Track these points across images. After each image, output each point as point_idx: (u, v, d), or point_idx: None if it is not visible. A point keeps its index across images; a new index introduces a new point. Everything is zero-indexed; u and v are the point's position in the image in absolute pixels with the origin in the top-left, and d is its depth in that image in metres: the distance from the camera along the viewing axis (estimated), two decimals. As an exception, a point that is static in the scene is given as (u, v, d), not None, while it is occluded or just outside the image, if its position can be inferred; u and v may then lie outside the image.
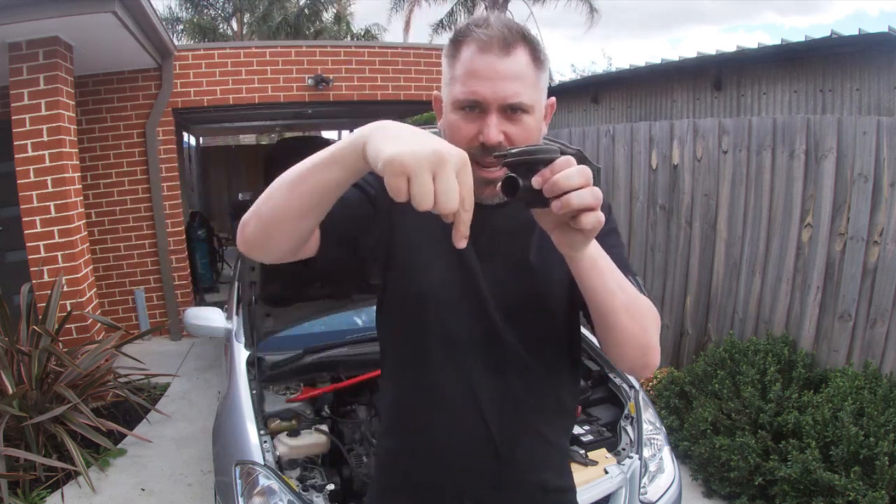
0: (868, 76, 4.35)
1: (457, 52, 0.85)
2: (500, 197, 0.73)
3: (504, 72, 0.81)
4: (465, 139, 0.83)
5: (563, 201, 0.65)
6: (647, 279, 3.88)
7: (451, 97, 0.85)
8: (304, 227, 0.75)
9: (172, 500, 2.65)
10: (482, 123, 0.82)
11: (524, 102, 0.82)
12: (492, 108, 0.81)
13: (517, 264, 0.92)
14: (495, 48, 0.81)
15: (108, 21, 3.34)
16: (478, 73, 0.81)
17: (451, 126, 0.85)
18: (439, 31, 14.39)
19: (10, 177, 3.52)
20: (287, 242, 0.76)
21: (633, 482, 1.76)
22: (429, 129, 2.04)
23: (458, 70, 0.84)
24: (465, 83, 0.82)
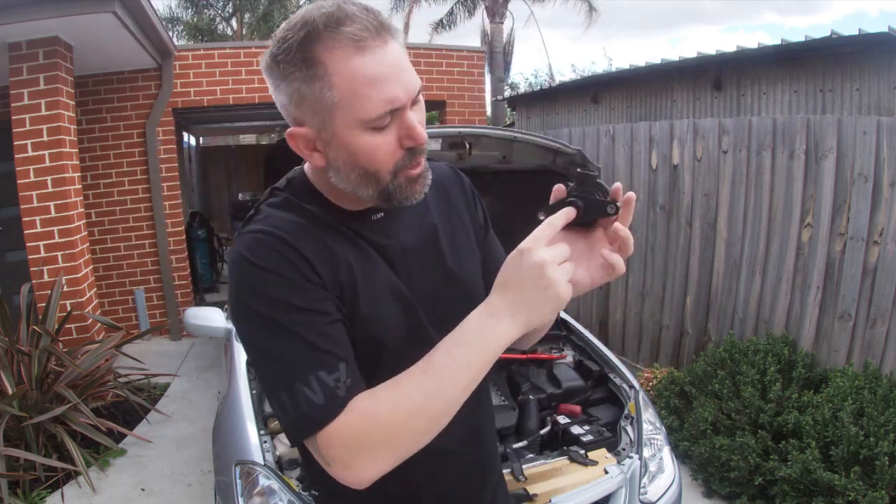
0: (868, 76, 4.34)
1: (319, 65, 0.67)
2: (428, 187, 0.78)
3: (397, 62, 0.69)
4: (389, 153, 0.72)
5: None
6: (647, 279, 3.88)
7: (353, 119, 0.69)
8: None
9: (172, 500, 2.65)
10: (399, 127, 0.71)
11: (420, 83, 0.73)
12: (406, 108, 0.71)
13: (442, 274, 0.87)
14: (373, 41, 0.68)
15: (108, 21, 3.34)
16: (379, 77, 0.67)
17: (368, 150, 0.71)
18: (439, 31, 14.38)
19: (10, 177, 3.52)
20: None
21: (633, 482, 1.76)
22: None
23: (345, 86, 0.67)
24: (370, 95, 0.67)
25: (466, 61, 6.00)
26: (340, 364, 0.69)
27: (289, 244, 0.72)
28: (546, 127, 8.05)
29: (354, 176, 0.73)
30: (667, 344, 3.75)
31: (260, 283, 0.70)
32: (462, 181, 0.97)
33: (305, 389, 0.68)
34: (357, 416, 0.67)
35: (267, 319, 0.70)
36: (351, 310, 0.76)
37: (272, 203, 0.80)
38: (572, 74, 15.06)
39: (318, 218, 0.78)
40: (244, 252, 0.72)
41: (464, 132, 1.98)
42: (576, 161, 2.17)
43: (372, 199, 0.77)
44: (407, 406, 0.67)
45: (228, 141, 13.21)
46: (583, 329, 2.57)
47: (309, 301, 0.71)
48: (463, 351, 0.68)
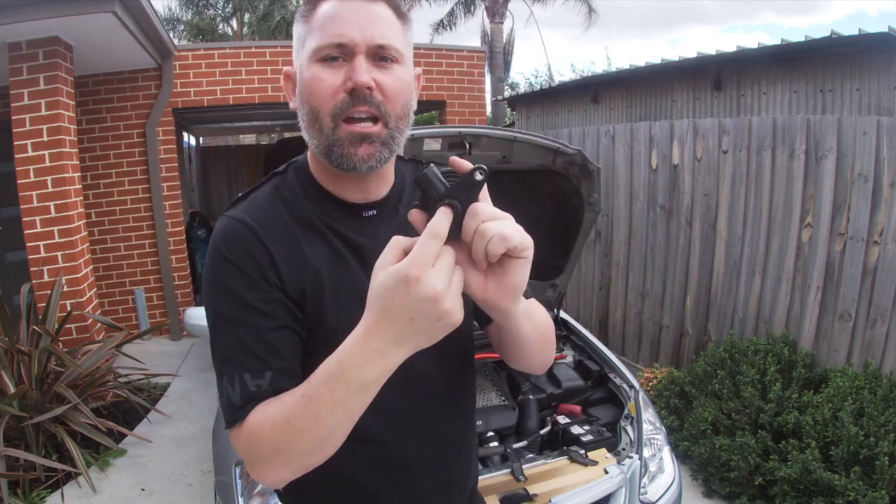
0: (868, 76, 4.34)
1: (312, 9, 0.75)
2: (378, 160, 0.74)
3: (370, 14, 0.73)
4: (330, 90, 0.72)
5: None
6: (647, 279, 3.88)
7: (309, 50, 0.73)
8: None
9: (172, 500, 2.65)
10: (349, 69, 0.72)
11: (394, 47, 0.73)
12: (358, 52, 0.72)
13: None
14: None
15: (108, 21, 3.34)
16: (341, 16, 0.72)
17: (310, 80, 0.73)
18: (440, 31, 14.39)
19: (10, 177, 3.52)
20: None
21: (633, 482, 1.76)
22: (422, 131, 2.01)
23: (316, 22, 0.74)
24: (326, 28, 0.72)
25: (466, 61, 6.00)
26: (268, 373, 0.70)
27: (258, 238, 0.73)
28: (546, 127, 8.05)
29: (304, 116, 0.75)
30: (667, 344, 3.75)
31: (222, 273, 0.73)
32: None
33: (229, 387, 0.70)
34: (247, 430, 0.68)
35: (218, 310, 0.73)
36: (314, 318, 0.75)
37: (263, 190, 0.81)
38: (572, 74, 15.07)
39: (302, 213, 0.78)
40: (218, 239, 0.75)
41: (464, 132, 1.98)
42: (575, 161, 2.17)
43: (319, 155, 0.76)
44: (286, 429, 0.65)
45: (228, 141, 13.21)
46: (583, 329, 2.57)
47: (259, 300, 0.71)
48: (343, 386, 0.62)
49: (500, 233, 0.59)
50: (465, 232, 0.60)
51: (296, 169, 0.83)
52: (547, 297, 2.60)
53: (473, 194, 0.60)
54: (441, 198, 0.60)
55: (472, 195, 0.60)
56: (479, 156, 2.04)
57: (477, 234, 0.60)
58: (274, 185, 0.81)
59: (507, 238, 0.59)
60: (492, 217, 0.60)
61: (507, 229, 0.60)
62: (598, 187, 2.26)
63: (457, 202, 0.59)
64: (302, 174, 0.82)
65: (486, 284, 0.63)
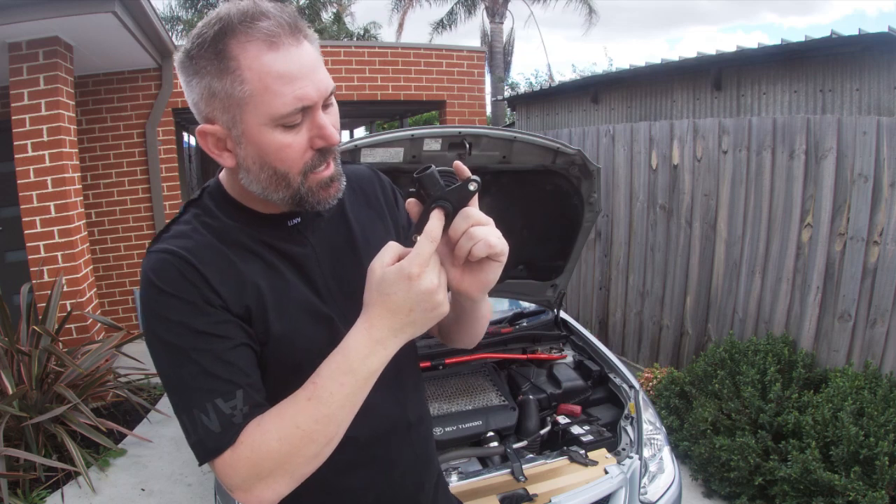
0: (868, 76, 4.34)
1: (231, 60, 0.66)
2: (341, 191, 0.77)
3: (310, 62, 0.69)
4: (300, 153, 0.71)
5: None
6: (647, 279, 3.88)
7: (263, 115, 0.68)
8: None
9: (172, 500, 2.65)
10: (311, 127, 0.71)
11: (333, 86, 0.73)
12: (318, 107, 0.70)
13: (361, 280, 0.81)
14: (287, 38, 0.68)
15: (108, 21, 3.34)
16: (289, 73, 0.67)
17: (277, 148, 0.70)
18: (439, 31, 14.39)
19: (10, 177, 3.52)
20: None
21: (633, 482, 1.76)
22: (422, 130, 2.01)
23: (256, 81, 0.66)
24: (280, 91, 0.67)
25: (466, 61, 6.00)
26: (238, 391, 0.69)
27: (192, 265, 0.71)
28: (546, 127, 8.05)
29: (265, 177, 0.72)
30: (667, 344, 3.75)
31: (162, 306, 0.70)
32: (382, 182, 0.96)
33: (203, 417, 0.68)
34: (247, 449, 0.67)
35: (167, 344, 0.71)
36: (262, 332, 0.75)
37: (183, 221, 0.79)
38: (572, 74, 15.05)
39: (229, 235, 0.77)
40: (149, 273, 0.72)
41: (464, 132, 1.98)
42: (575, 161, 2.17)
43: (284, 204, 0.75)
44: (296, 435, 0.67)
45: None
46: (583, 329, 2.57)
47: (209, 324, 0.70)
48: (351, 378, 0.68)
49: (486, 239, 0.67)
50: (453, 231, 0.69)
51: (210, 193, 0.81)
52: (547, 297, 2.60)
53: (465, 200, 0.68)
54: (438, 198, 0.67)
55: (463, 200, 0.68)
56: (479, 156, 2.04)
57: (465, 235, 0.68)
58: (193, 213, 0.79)
59: (492, 245, 0.68)
60: (479, 222, 0.68)
61: (491, 236, 0.68)
62: (598, 187, 2.26)
63: (449, 204, 0.67)
64: (219, 197, 0.80)
65: (462, 278, 0.72)
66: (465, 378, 2.25)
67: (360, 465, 0.86)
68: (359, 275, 0.83)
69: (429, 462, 0.98)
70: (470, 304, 0.79)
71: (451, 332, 0.93)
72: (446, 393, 2.14)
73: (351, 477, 0.85)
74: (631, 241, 3.99)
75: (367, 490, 0.87)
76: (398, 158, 1.94)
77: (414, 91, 5.79)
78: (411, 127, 2.19)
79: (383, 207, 0.94)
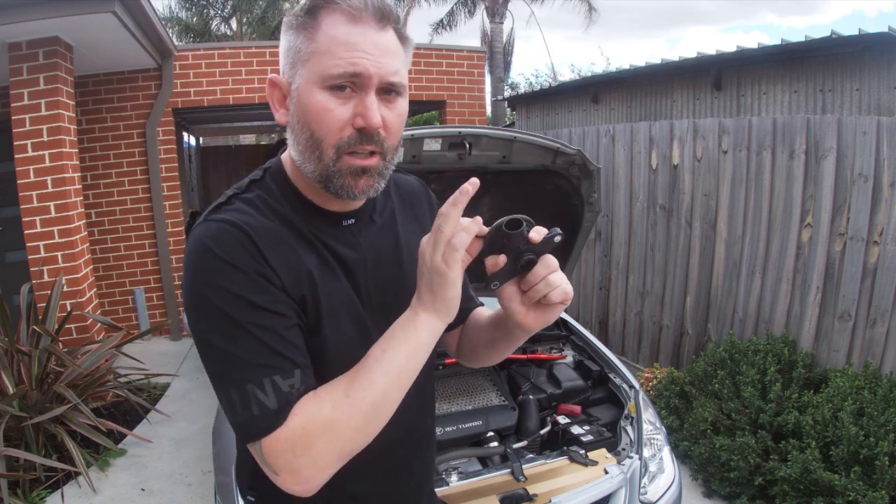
0: (868, 76, 4.34)
1: (314, 22, 0.71)
2: (375, 191, 0.77)
3: (384, 46, 0.71)
4: (338, 124, 0.71)
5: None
6: (647, 279, 3.88)
7: (316, 73, 0.70)
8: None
9: (172, 500, 2.65)
10: (358, 105, 0.71)
11: (402, 83, 0.74)
12: (371, 86, 0.71)
13: (402, 291, 0.83)
14: (370, 19, 0.70)
15: (108, 21, 3.34)
16: (355, 44, 0.69)
17: (318, 109, 0.71)
18: (440, 31, 14.39)
19: (10, 177, 3.52)
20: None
21: (633, 482, 1.76)
22: (422, 130, 2.01)
23: (323, 42, 0.70)
24: (339, 55, 0.69)
25: (466, 61, 6.00)
26: (296, 370, 0.69)
27: (254, 242, 0.71)
28: (546, 127, 8.05)
29: (303, 139, 0.73)
30: (667, 344, 3.75)
31: (220, 276, 0.68)
32: (430, 197, 0.97)
33: (258, 392, 0.67)
34: (301, 418, 0.67)
35: (226, 316, 0.68)
36: (313, 326, 0.75)
37: (245, 198, 0.77)
38: (571, 74, 15.05)
39: (290, 222, 0.77)
40: (209, 242, 0.70)
41: (464, 132, 1.98)
42: (575, 161, 2.17)
43: (314, 179, 0.75)
44: (346, 403, 0.67)
45: (228, 141, 13.21)
46: (583, 329, 2.57)
47: (271, 302, 0.69)
48: (391, 343, 0.71)
49: (563, 287, 0.72)
50: (533, 276, 0.72)
51: (273, 176, 0.81)
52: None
53: (547, 250, 0.73)
54: (525, 251, 0.72)
55: (545, 251, 0.73)
56: (479, 156, 2.04)
57: (544, 281, 0.72)
58: (256, 193, 0.78)
59: (567, 293, 0.73)
60: (556, 269, 0.73)
61: (566, 285, 0.73)
62: (598, 187, 2.26)
63: (535, 256, 0.72)
64: (281, 182, 0.80)
65: (526, 314, 0.75)
66: (465, 378, 2.25)
67: (369, 471, 0.85)
68: (399, 290, 0.84)
69: (430, 472, 0.99)
70: (521, 334, 0.82)
71: (479, 352, 0.95)
72: (446, 393, 2.14)
73: (357, 484, 0.85)
74: (631, 241, 3.99)
75: (371, 497, 0.87)
76: (398, 158, 1.93)
77: (414, 91, 5.79)
78: (411, 127, 2.19)
79: (427, 222, 0.93)
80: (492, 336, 0.88)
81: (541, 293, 0.72)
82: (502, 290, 0.75)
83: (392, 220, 0.88)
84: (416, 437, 0.90)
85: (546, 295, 0.72)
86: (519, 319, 0.75)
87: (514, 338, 0.85)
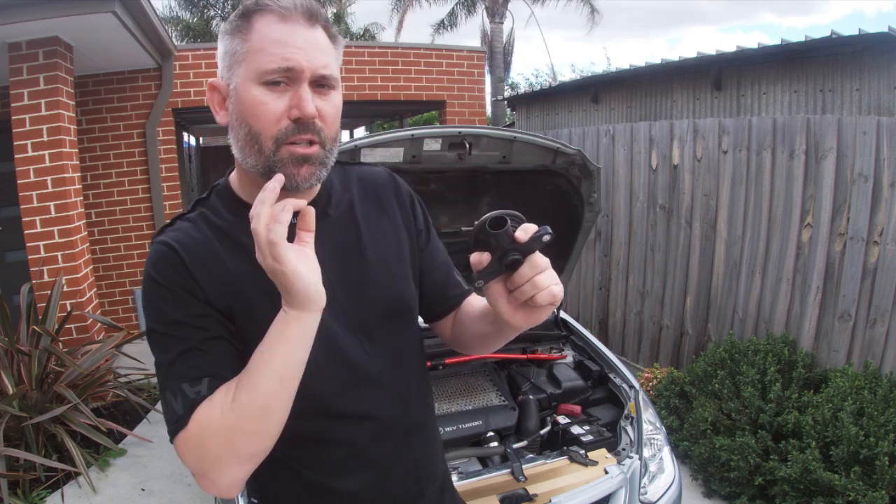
0: (868, 76, 4.34)
1: (248, 25, 0.75)
2: (317, 179, 0.78)
3: (314, 42, 0.75)
4: (274, 116, 0.74)
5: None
6: (647, 279, 3.88)
7: (252, 70, 0.74)
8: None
9: (172, 500, 2.65)
10: (293, 97, 0.74)
11: (333, 76, 0.77)
12: (304, 79, 0.74)
13: (365, 286, 0.85)
14: (300, 18, 0.75)
15: (107, 21, 3.34)
16: (285, 40, 0.73)
17: (253, 104, 0.74)
18: (440, 32, 14.40)
19: (10, 177, 3.52)
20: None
21: (633, 482, 1.76)
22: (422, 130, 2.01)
23: (257, 41, 0.74)
24: (272, 51, 0.73)
25: (466, 61, 6.00)
26: (204, 379, 0.72)
27: (179, 257, 0.77)
28: (546, 127, 8.05)
29: (242, 135, 0.76)
30: (667, 344, 3.75)
31: (152, 294, 0.76)
32: (398, 186, 0.97)
33: (172, 398, 0.72)
34: (195, 424, 0.70)
35: (152, 328, 0.77)
36: (243, 329, 0.77)
37: (188, 217, 0.83)
38: (572, 74, 15.06)
39: (225, 233, 0.80)
40: (148, 265, 0.79)
41: (464, 132, 1.98)
42: (575, 161, 2.17)
43: (256, 174, 0.77)
44: (233, 408, 0.69)
45: (228, 141, 13.20)
46: (583, 329, 2.57)
47: (191, 316, 0.75)
48: (267, 345, 0.70)
49: (551, 289, 0.71)
50: (519, 277, 0.71)
51: (219, 192, 0.86)
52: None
53: (534, 249, 0.71)
54: (511, 250, 0.70)
55: (533, 250, 0.71)
56: (479, 156, 2.04)
57: (530, 283, 0.71)
58: (199, 211, 0.84)
59: (555, 296, 0.71)
60: (543, 269, 0.71)
61: (555, 286, 0.71)
62: (598, 187, 2.26)
63: (520, 256, 0.70)
64: (225, 194, 0.85)
65: (514, 313, 0.74)
66: (465, 378, 2.25)
67: (356, 467, 0.86)
68: (363, 277, 0.85)
69: (431, 466, 0.97)
70: (510, 331, 0.82)
71: (472, 344, 0.95)
72: (446, 393, 2.14)
73: (346, 480, 0.85)
74: (631, 241, 3.99)
75: (363, 493, 0.87)
76: (398, 158, 1.94)
77: (414, 91, 5.79)
78: (411, 127, 2.19)
79: (396, 211, 0.94)
80: (483, 329, 0.89)
81: (527, 294, 0.71)
82: (489, 288, 0.74)
83: (350, 210, 0.89)
84: (399, 431, 0.89)
85: (532, 297, 0.71)
86: (507, 318, 0.75)
87: (505, 334, 0.86)
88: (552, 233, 0.70)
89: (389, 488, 0.90)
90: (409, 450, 0.91)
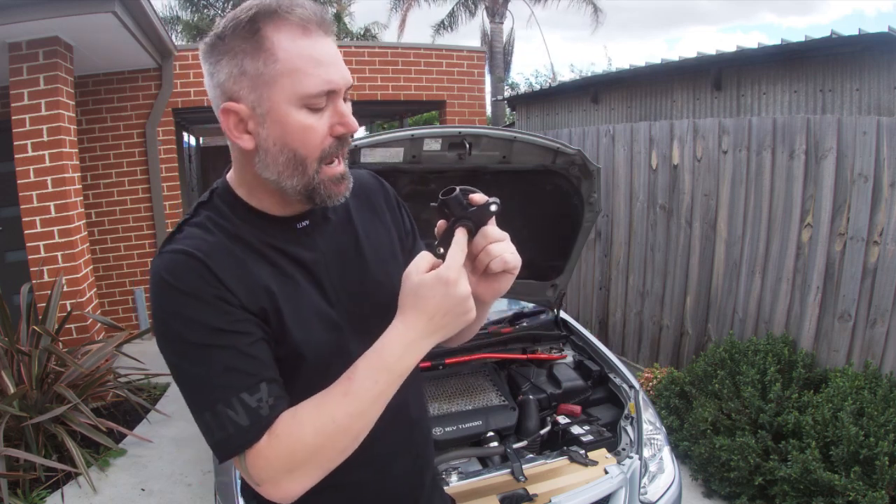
0: (868, 76, 4.34)
1: (265, 41, 0.70)
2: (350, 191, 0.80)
3: (335, 53, 0.74)
4: (320, 138, 0.73)
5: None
6: (647, 279, 3.88)
7: (292, 93, 0.70)
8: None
9: (172, 500, 2.65)
10: (335, 114, 0.74)
11: (352, 81, 0.78)
12: (341, 95, 0.74)
13: (367, 285, 0.87)
14: (318, 29, 0.72)
15: (108, 21, 3.34)
16: (320, 59, 0.71)
17: (300, 129, 0.72)
18: (441, 32, 14.40)
19: (10, 177, 3.52)
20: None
21: (633, 482, 1.76)
22: (422, 130, 2.01)
23: (288, 61, 0.69)
24: (310, 72, 0.70)
25: (466, 61, 6.00)
26: (262, 384, 0.71)
27: (206, 266, 0.72)
28: (546, 127, 8.05)
29: (283, 160, 0.73)
30: (667, 344, 3.75)
31: (179, 305, 0.71)
32: (385, 189, 0.97)
33: (229, 411, 0.69)
34: (282, 440, 0.69)
35: (186, 342, 0.71)
36: (279, 333, 0.76)
37: (195, 222, 0.79)
38: (571, 74, 15.05)
39: (240, 238, 0.78)
40: (165, 274, 0.72)
41: (464, 132, 1.98)
42: (575, 161, 2.17)
43: (295, 194, 0.76)
44: (330, 429, 0.69)
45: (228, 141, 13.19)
46: (583, 329, 2.57)
47: (229, 322, 0.71)
48: (385, 376, 0.71)
49: (502, 256, 0.74)
50: (474, 247, 0.75)
51: (220, 195, 0.82)
52: (547, 296, 2.60)
53: (485, 219, 0.76)
54: (461, 217, 0.75)
55: (484, 219, 0.76)
56: (479, 156, 2.04)
57: (484, 251, 0.75)
58: (205, 215, 0.80)
59: (507, 262, 0.75)
60: (497, 239, 0.75)
61: (507, 253, 0.75)
62: (598, 187, 2.26)
63: (471, 223, 0.75)
64: (229, 198, 0.81)
65: (477, 285, 0.78)
66: (465, 378, 2.25)
67: (362, 461, 0.86)
68: (365, 281, 0.86)
69: (428, 460, 0.99)
70: (480, 307, 0.83)
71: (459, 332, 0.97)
72: (446, 393, 2.14)
73: (353, 473, 0.86)
74: (631, 241, 3.99)
75: (368, 486, 0.88)
76: (398, 158, 1.94)
77: (414, 91, 5.79)
78: (411, 127, 2.19)
79: (385, 213, 0.95)
80: None
81: (482, 263, 0.75)
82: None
83: (347, 214, 0.89)
84: (402, 427, 0.91)
85: (487, 264, 0.75)
86: (471, 290, 0.76)
87: (476, 311, 0.87)
88: (500, 202, 0.76)
89: (392, 481, 0.91)
90: (410, 443, 0.93)
